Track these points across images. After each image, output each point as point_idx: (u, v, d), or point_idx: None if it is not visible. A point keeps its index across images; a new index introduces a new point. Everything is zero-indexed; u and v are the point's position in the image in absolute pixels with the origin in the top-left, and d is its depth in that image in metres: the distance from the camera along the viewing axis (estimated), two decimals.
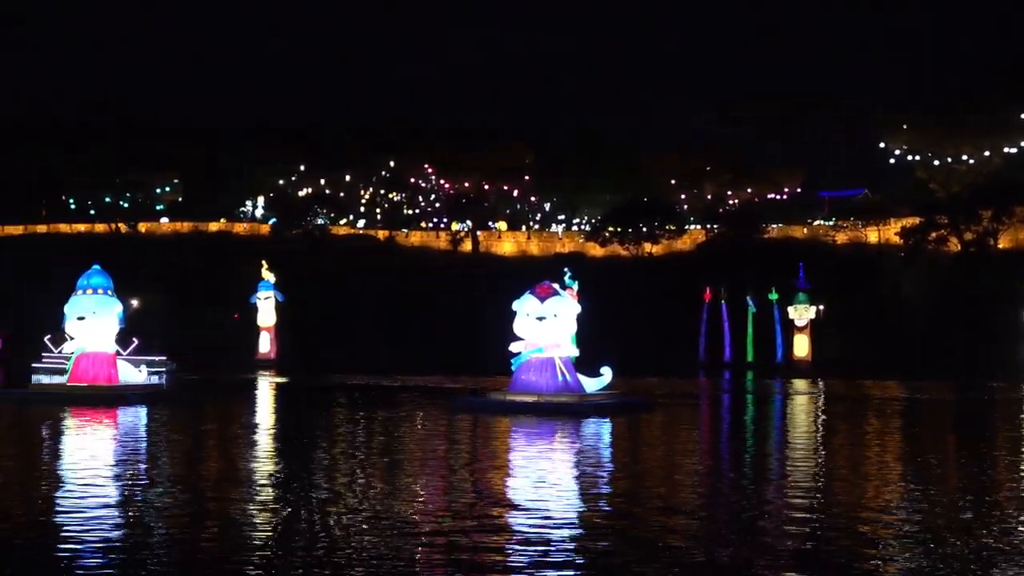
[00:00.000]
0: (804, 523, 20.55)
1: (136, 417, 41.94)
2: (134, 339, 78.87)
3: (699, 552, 18.29)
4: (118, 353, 52.45)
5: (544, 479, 25.76)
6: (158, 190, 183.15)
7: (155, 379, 57.87)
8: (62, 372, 70.71)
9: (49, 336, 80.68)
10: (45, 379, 64.93)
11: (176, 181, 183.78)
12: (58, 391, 49.58)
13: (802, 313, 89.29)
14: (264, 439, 35.75)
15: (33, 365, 75.66)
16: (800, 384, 69.83)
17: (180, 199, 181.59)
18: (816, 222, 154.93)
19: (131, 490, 24.20)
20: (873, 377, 72.20)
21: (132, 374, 51.27)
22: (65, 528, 19.59)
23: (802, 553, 18.19)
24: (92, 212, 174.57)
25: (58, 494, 23.41)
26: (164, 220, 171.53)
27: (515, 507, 22.03)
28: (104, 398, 47.47)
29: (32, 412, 43.21)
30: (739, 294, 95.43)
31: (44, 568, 16.93)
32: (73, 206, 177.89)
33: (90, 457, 30.13)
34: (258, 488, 24.44)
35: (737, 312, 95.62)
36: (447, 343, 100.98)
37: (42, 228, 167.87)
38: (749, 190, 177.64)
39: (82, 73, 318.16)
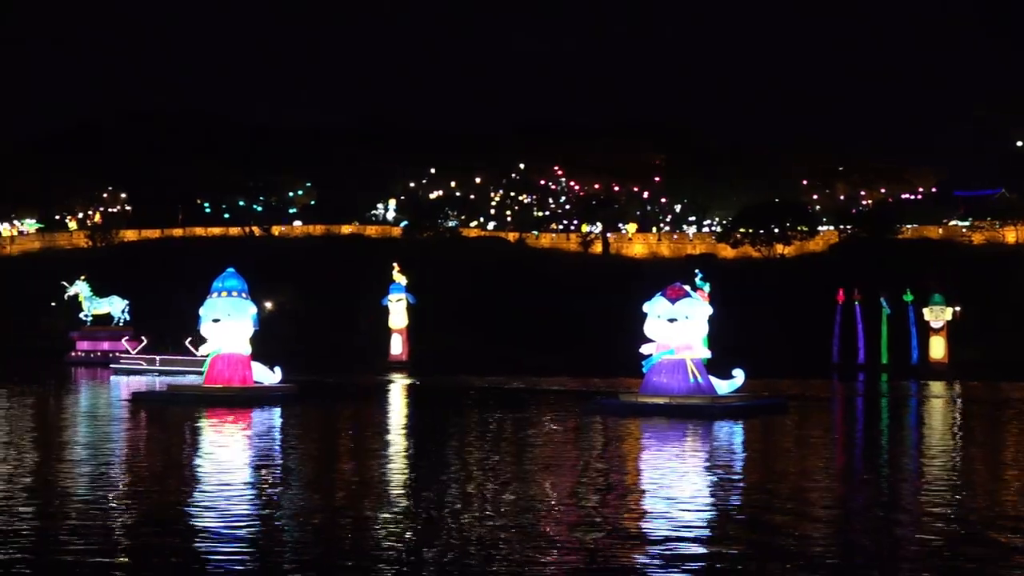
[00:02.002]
0: (939, 531, 20.19)
1: (270, 418, 42.39)
2: (143, 337, 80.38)
3: (833, 558, 18.04)
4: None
5: (674, 482, 25.62)
6: (291, 193, 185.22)
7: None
8: (140, 373, 72.77)
9: (127, 337, 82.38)
10: (123, 379, 66.76)
11: (308, 184, 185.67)
12: (194, 392, 50.24)
13: (938, 315, 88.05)
14: (395, 441, 35.94)
15: (111, 367, 77.39)
16: (936, 386, 68.76)
17: (312, 202, 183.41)
18: (952, 222, 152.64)
19: (265, 492, 24.44)
20: (1011, 379, 70.96)
21: (266, 375, 51.77)
22: (201, 530, 19.86)
23: (937, 560, 17.88)
24: (226, 216, 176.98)
25: (195, 495, 23.73)
26: (297, 223, 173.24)
27: (644, 510, 21.95)
28: (239, 399, 48.09)
29: (169, 413, 43.88)
30: (873, 295, 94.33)
31: (184, 566, 17.20)
32: (208, 210, 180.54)
33: (226, 458, 30.54)
34: (389, 490, 24.56)
35: (871, 313, 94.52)
36: (578, 345, 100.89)
37: (178, 232, 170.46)
38: (883, 190, 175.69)
39: (204, 80, 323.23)
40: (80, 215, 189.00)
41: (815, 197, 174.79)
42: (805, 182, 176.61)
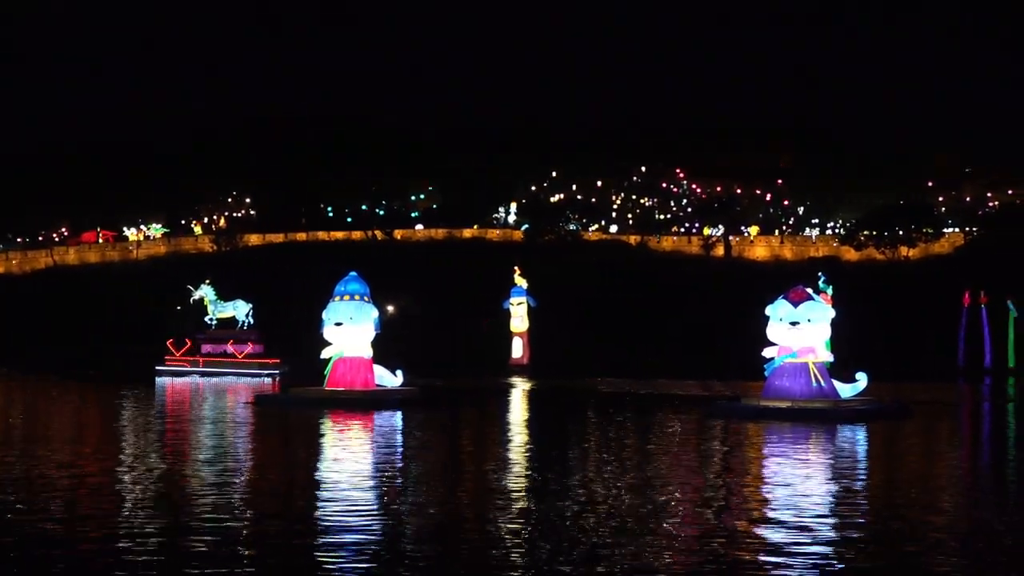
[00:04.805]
0: None
1: (392, 421, 42.62)
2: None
3: (953, 567, 17.80)
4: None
5: (797, 487, 25.41)
6: (413, 197, 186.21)
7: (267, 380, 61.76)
8: (184, 375, 74.71)
9: (171, 340, 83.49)
10: (168, 381, 68.60)
11: (431, 188, 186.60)
12: (317, 395, 50.58)
13: None
14: (515, 443, 36.01)
15: (157, 368, 78.83)
16: None
17: (435, 206, 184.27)
18: None
19: (387, 493, 24.62)
20: None
21: (388, 378, 52.03)
22: (323, 529, 20.09)
23: None
24: (349, 220, 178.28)
25: (320, 495, 24.00)
26: (419, 227, 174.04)
27: (767, 516, 21.80)
28: (361, 402, 48.38)
29: (292, 416, 44.34)
30: (1000, 298, 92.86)
31: (302, 567, 17.41)
32: (331, 214, 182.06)
33: (348, 460, 30.77)
34: (510, 491, 24.61)
35: (998, 316, 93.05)
36: (699, 348, 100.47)
37: (301, 236, 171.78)
38: (1010, 191, 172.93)
39: (326, 85, 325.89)
40: (205, 220, 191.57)
41: (940, 199, 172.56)
42: (930, 184, 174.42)
